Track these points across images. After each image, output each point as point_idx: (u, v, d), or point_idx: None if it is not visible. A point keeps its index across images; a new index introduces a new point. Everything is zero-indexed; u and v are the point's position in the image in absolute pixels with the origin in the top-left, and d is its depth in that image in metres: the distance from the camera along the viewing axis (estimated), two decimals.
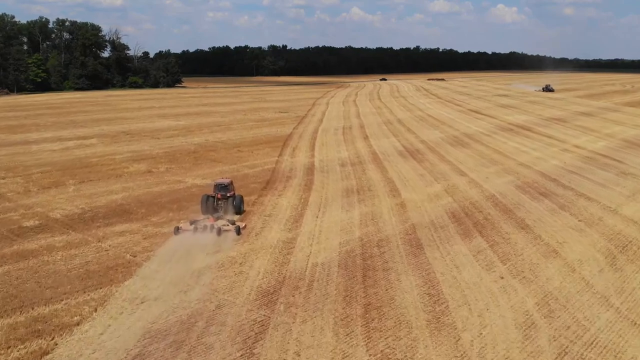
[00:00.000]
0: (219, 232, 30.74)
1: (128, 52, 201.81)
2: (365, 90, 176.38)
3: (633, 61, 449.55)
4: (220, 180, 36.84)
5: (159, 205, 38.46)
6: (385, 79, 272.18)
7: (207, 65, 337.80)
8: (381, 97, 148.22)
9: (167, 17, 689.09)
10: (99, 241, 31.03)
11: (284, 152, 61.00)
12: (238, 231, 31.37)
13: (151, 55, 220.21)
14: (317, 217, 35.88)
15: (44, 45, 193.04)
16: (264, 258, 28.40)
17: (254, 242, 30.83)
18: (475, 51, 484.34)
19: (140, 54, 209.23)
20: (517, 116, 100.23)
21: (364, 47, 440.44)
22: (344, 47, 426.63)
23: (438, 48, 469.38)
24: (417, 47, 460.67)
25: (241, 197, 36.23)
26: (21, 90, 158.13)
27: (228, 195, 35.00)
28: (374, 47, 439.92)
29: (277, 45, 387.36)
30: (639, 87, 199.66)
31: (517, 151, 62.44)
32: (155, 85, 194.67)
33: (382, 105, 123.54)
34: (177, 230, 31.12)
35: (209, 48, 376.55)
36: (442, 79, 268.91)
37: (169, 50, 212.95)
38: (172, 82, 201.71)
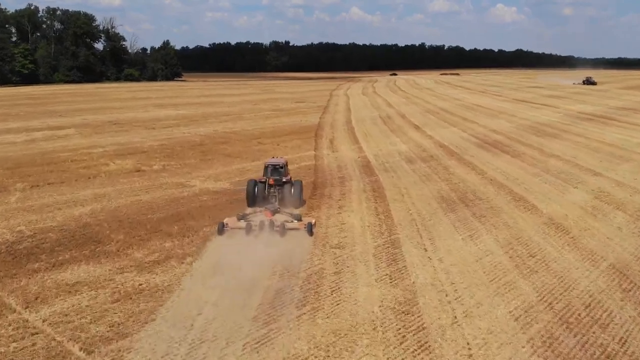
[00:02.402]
0: (283, 231, 21.55)
1: (124, 43, 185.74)
2: (380, 84, 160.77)
3: (636, 59, 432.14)
4: (272, 161, 27.03)
5: (149, 226, 23.18)
6: (395, 74, 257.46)
7: (206, 62, 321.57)
8: (403, 89, 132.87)
9: (166, 17, 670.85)
10: (27, 307, 15.32)
11: (320, 145, 45.48)
12: (311, 230, 22.03)
13: (149, 52, 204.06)
14: (424, 249, 20.58)
15: (34, 36, 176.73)
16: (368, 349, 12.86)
17: (337, 313, 15.25)
18: (481, 49, 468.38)
19: (137, 49, 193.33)
20: (579, 106, 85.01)
21: (368, 44, 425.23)
22: (347, 43, 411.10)
23: (443, 45, 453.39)
24: (423, 44, 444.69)
25: (301, 184, 26.53)
26: (6, 82, 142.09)
27: (284, 180, 25.61)
28: (378, 44, 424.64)
29: (280, 41, 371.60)
30: None
31: (629, 143, 46.82)
32: (152, 78, 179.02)
33: (410, 96, 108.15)
34: (223, 228, 22.05)
35: (209, 44, 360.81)
36: (457, 74, 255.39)
37: (168, 41, 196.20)
38: (171, 75, 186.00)
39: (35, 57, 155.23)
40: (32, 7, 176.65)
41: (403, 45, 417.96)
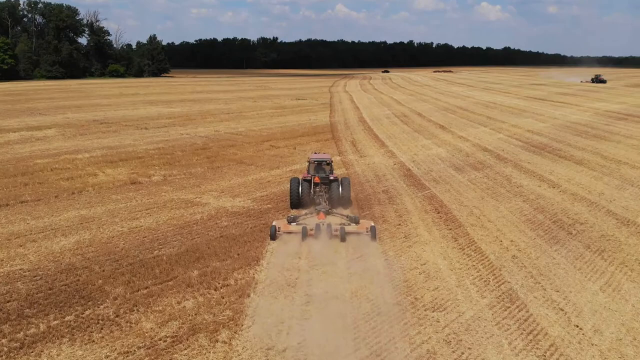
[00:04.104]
0: (343, 235, 18.73)
1: (108, 37, 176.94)
2: (376, 81, 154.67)
3: (620, 57, 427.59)
4: (317, 156, 24.81)
5: (157, 271, 16.79)
6: (387, 71, 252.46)
7: (193, 58, 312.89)
8: (403, 86, 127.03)
9: (151, 13, 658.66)
10: None
11: (344, 149, 38.94)
12: (374, 234, 19.12)
13: (134, 47, 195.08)
14: (561, 310, 14.56)
15: (14, 29, 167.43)
16: None
17: None
18: (469, 46, 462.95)
19: (122, 44, 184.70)
20: (601, 104, 79.62)
21: (356, 41, 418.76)
22: (336, 40, 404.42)
23: (432, 43, 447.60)
24: (411, 42, 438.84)
25: (349, 181, 24.12)
26: None
27: (331, 178, 23.17)
28: (367, 41, 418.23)
29: (267, 37, 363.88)
30: None
31: None
32: (139, 74, 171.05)
33: (414, 93, 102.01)
34: (276, 232, 19.17)
35: (195, 40, 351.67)
36: (450, 71, 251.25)
37: (155, 36, 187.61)
38: (159, 71, 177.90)
39: (15, 52, 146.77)
40: (12, 0, 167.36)
41: (392, 42, 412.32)
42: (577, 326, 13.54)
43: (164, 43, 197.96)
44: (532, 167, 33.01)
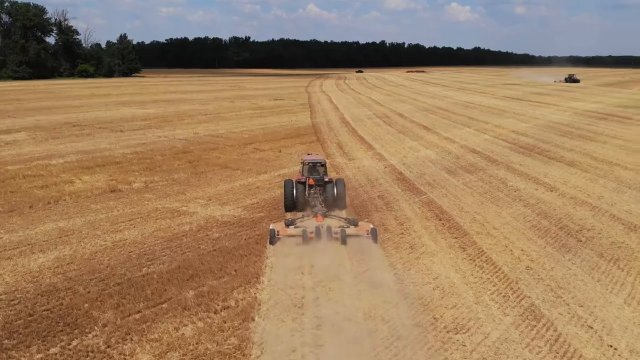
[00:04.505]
0: (344, 237, 18.28)
1: (77, 37, 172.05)
2: (352, 81, 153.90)
3: (587, 57, 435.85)
4: (311, 158, 24.41)
5: (149, 292, 15.52)
6: (361, 71, 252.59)
7: (163, 58, 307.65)
8: (379, 86, 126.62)
9: (119, 12, 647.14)
10: None
11: (331, 151, 37.83)
12: (375, 236, 18.71)
13: (103, 47, 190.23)
14: (590, 327, 13.86)
15: None
16: None
17: None
18: (440, 46, 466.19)
19: (91, 44, 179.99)
20: (578, 103, 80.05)
21: (329, 40, 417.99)
22: (309, 40, 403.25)
23: (404, 43, 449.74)
24: (384, 42, 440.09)
25: (344, 183, 23.28)
26: None
27: (326, 180, 22.66)
28: (339, 41, 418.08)
29: (240, 36, 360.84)
30: (630, 78, 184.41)
31: None
32: (109, 74, 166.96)
33: (392, 93, 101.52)
34: (275, 236, 18.58)
35: (166, 40, 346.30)
36: (423, 71, 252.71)
37: (125, 35, 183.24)
38: (129, 71, 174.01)
39: None
40: None
41: (364, 42, 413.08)
42: (612, 346, 12.60)
43: (133, 42, 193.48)
44: (525, 170, 32.29)
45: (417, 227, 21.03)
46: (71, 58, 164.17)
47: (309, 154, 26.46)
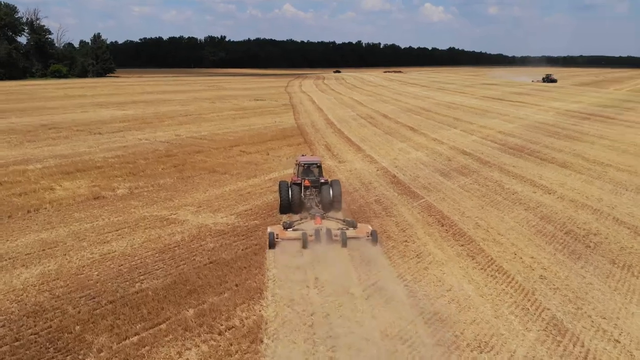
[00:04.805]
0: (344, 240, 17.95)
1: (50, 36, 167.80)
2: (331, 81, 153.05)
3: (558, 57, 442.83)
4: (306, 159, 23.78)
5: (145, 311, 14.43)
6: (339, 71, 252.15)
7: (137, 57, 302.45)
8: (359, 86, 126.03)
9: (91, 11, 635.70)
10: None
11: (319, 154, 37.22)
12: (376, 238, 18.38)
13: (77, 46, 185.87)
14: (625, 348, 12.23)
15: None
16: None
17: None
18: (415, 47, 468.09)
19: (64, 43, 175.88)
20: (559, 103, 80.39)
21: (305, 40, 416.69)
22: (285, 40, 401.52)
23: (379, 43, 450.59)
24: (360, 42, 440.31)
25: (340, 184, 22.75)
26: None
27: (322, 181, 22.15)
28: (316, 41, 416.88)
29: (215, 36, 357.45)
30: (604, 77, 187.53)
31: None
32: (82, 74, 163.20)
33: (373, 93, 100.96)
34: (274, 239, 18.04)
35: (140, 39, 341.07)
36: (400, 71, 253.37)
37: (99, 34, 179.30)
38: (104, 71, 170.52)
39: None
40: None
41: (341, 42, 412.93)
42: None
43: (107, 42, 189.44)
44: (518, 171, 31.80)
45: (420, 234, 20.21)
46: (43, 58, 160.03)
47: (303, 155, 25.76)
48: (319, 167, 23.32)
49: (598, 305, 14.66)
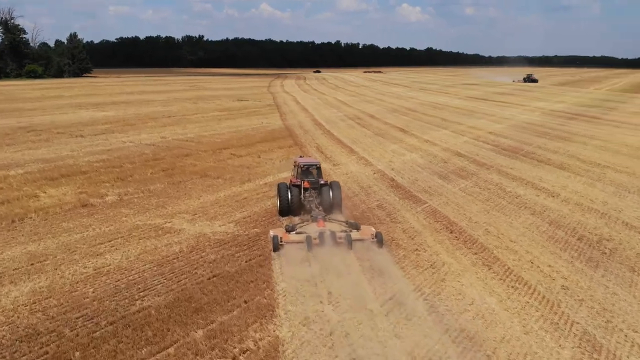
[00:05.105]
0: (350, 243, 17.68)
1: (24, 36, 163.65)
2: (313, 81, 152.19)
3: (533, 57, 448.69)
4: (305, 160, 23.57)
5: (150, 333, 13.43)
6: (319, 71, 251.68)
7: (114, 57, 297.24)
8: (342, 87, 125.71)
9: (66, 11, 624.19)
10: None
11: (312, 156, 35.74)
12: (381, 240, 18.17)
13: (52, 46, 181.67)
14: None
15: None
16: None
17: None
18: (393, 47, 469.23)
19: (39, 43, 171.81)
20: (543, 103, 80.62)
21: (284, 40, 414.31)
22: (264, 39, 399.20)
23: (358, 44, 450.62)
24: (339, 42, 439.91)
25: (339, 186, 22.30)
26: None
27: (321, 182, 21.72)
28: (295, 41, 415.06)
29: (193, 35, 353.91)
30: (580, 77, 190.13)
31: None
32: (59, 74, 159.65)
33: (356, 94, 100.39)
34: (278, 243, 17.72)
35: (116, 39, 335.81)
36: (380, 72, 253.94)
37: (76, 33, 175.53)
38: (80, 71, 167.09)
39: None
40: None
41: (319, 42, 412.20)
42: None
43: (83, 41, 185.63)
44: (517, 174, 31.27)
45: (430, 242, 19.37)
46: (18, 58, 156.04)
47: (301, 157, 25.72)
48: (318, 168, 22.92)
49: (627, 318, 13.98)
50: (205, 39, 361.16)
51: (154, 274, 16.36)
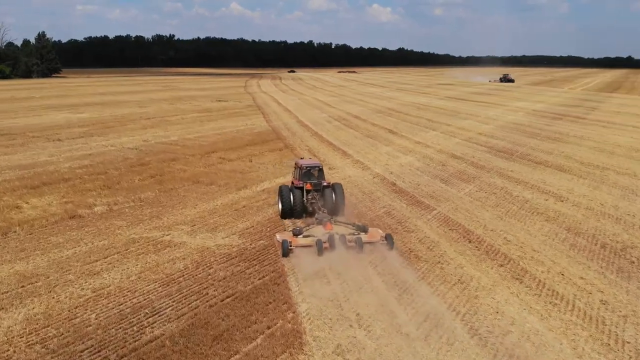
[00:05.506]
0: (360, 246, 17.41)
1: None
2: (289, 81, 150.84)
3: (503, 57, 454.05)
4: (307, 162, 23.06)
5: None
6: (294, 71, 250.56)
7: (83, 57, 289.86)
8: (320, 87, 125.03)
9: (32, 10, 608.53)
10: None
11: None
12: (392, 242, 17.84)
13: (19, 46, 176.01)
14: None
15: None
16: None
17: None
18: (366, 47, 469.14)
19: (5, 42, 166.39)
20: (524, 103, 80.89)
21: (257, 39, 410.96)
22: (236, 39, 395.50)
23: (331, 43, 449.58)
24: (311, 42, 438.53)
25: (342, 188, 21.86)
26: None
27: (324, 184, 21.56)
28: (268, 41, 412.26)
29: (164, 35, 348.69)
30: (552, 77, 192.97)
31: None
32: (27, 75, 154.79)
33: (336, 94, 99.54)
34: (287, 248, 17.19)
35: (85, 38, 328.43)
36: (354, 72, 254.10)
37: (44, 33, 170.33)
38: (49, 71, 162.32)
39: None
40: None
41: (292, 42, 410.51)
42: None
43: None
44: (518, 176, 30.54)
45: (451, 253, 18.29)
46: None
47: (301, 158, 25.99)
48: (320, 170, 22.58)
49: None
50: (176, 38, 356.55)
51: (160, 295, 14.87)
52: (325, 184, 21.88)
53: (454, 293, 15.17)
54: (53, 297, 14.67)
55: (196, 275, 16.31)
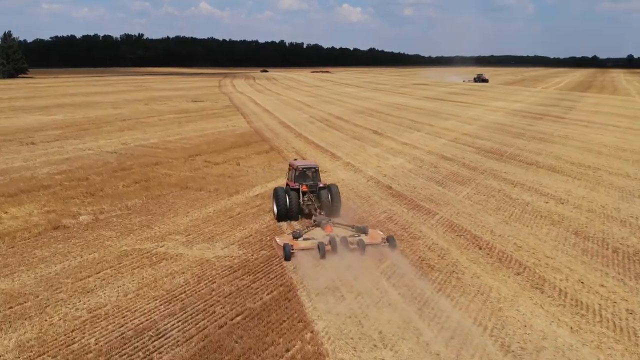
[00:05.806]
0: (364, 247, 17.18)
1: None
2: (263, 81, 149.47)
3: (472, 57, 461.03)
4: (302, 163, 22.81)
5: None
6: (267, 71, 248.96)
7: (49, 57, 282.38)
8: (295, 87, 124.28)
9: None
10: None
11: None
12: (394, 244, 17.65)
13: None
14: None
15: None
16: None
17: None
18: (337, 47, 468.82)
19: None
20: (502, 103, 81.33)
21: (227, 39, 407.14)
22: (207, 38, 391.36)
23: (302, 43, 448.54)
24: (283, 42, 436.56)
25: (338, 189, 21.60)
26: None
27: (320, 185, 21.23)
28: (239, 40, 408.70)
29: (132, 34, 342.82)
30: (522, 76, 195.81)
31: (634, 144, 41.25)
32: None
33: (314, 95, 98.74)
34: (290, 252, 16.92)
35: (51, 37, 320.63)
36: (328, 71, 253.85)
37: (10, 32, 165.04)
38: (15, 71, 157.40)
39: None
40: None
41: (263, 41, 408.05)
42: None
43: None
44: (513, 178, 30.13)
45: (463, 261, 17.57)
46: None
47: (295, 159, 25.70)
48: (316, 171, 22.29)
49: None
50: (145, 37, 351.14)
51: (162, 315, 13.74)
52: (321, 185, 21.57)
53: (476, 305, 14.39)
54: (45, 320, 13.40)
55: (199, 291, 15.20)
